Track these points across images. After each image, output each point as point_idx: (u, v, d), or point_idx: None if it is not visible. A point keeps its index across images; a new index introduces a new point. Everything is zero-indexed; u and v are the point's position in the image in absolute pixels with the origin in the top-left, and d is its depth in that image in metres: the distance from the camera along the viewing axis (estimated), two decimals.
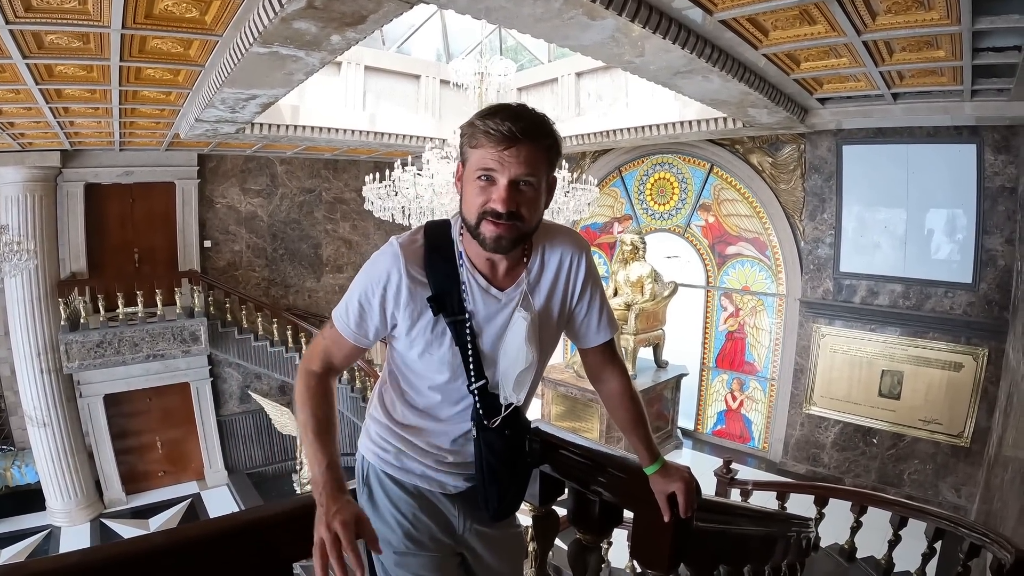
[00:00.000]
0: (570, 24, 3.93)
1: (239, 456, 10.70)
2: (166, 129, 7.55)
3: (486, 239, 1.29)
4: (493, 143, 1.23)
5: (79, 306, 8.49)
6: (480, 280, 1.40)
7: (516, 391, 1.44)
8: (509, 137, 1.22)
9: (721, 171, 8.86)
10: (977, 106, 5.78)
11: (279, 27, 3.70)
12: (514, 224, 1.27)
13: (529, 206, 1.29)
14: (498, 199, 1.25)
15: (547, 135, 1.28)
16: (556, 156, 1.32)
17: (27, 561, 1.26)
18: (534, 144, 1.25)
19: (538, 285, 1.46)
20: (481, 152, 1.26)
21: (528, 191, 1.27)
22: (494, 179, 1.26)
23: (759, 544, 2.44)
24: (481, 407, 1.44)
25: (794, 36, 4.56)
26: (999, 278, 6.53)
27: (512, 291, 1.42)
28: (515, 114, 1.24)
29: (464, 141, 1.30)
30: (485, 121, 1.24)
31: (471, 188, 1.29)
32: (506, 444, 1.47)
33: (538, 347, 1.44)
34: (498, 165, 1.24)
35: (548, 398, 9.22)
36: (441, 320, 1.38)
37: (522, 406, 1.52)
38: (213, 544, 1.35)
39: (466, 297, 1.38)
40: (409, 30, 9.65)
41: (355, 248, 11.82)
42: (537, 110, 1.30)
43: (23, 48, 4.24)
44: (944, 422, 7.00)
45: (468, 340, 1.39)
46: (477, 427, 1.46)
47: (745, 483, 5.14)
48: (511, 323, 1.41)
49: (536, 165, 1.26)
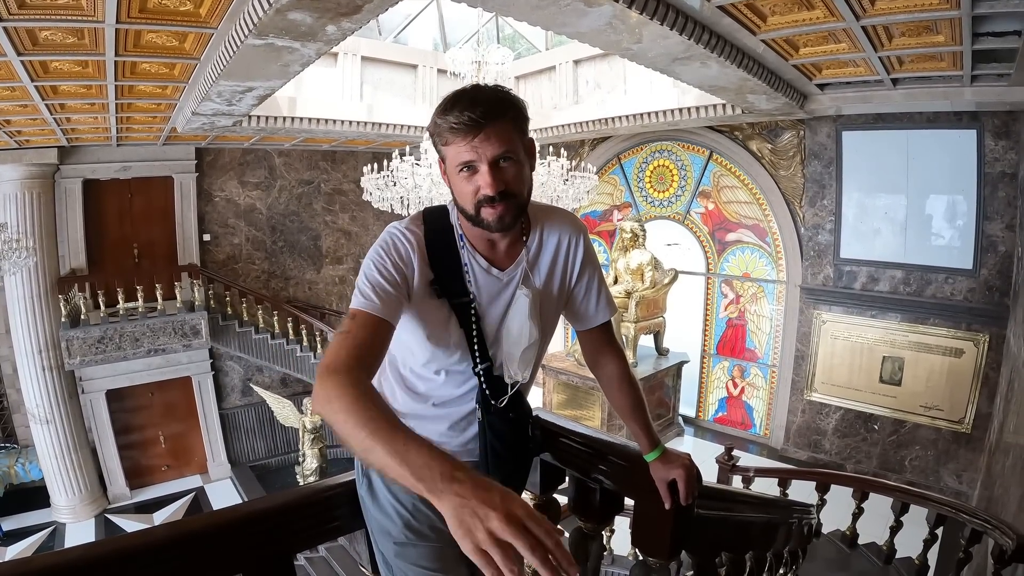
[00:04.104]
0: (567, 11, 3.91)
1: (242, 449, 10.73)
2: (163, 123, 7.53)
3: (490, 223, 1.31)
4: (461, 136, 1.25)
5: (79, 302, 8.48)
6: (481, 261, 1.42)
7: (521, 369, 1.46)
8: (474, 125, 1.23)
9: (720, 158, 8.83)
10: (977, 91, 5.74)
11: (274, 18, 3.68)
12: (509, 202, 1.29)
13: (516, 179, 1.30)
14: (485, 184, 1.26)
15: (508, 107, 1.28)
16: (524, 122, 1.33)
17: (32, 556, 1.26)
18: (499, 121, 1.25)
19: (537, 263, 1.48)
20: (454, 147, 1.27)
21: (510, 166, 1.29)
22: (475, 167, 1.27)
23: (761, 531, 2.44)
24: (487, 387, 1.45)
25: (793, 21, 4.53)
26: (1000, 264, 6.51)
27: (512, 270, 1.45)
28: (472, 100, 1.24)
29: (435, 141, 1.32)
30: (446, 118, 1.25)
31: (457, 181, 1.31)
32: (511, 427, 1.48)
33: (540, 324, 1.45)
34: (473, 154, 1.25)
35: (550, 386, 9.23)
36: (446, 303, 1.39)
37: (525, 388, 1.53)
38: (216, 536, 1.36)
39: (468, 278, 1.40)
40: (405, 20, 9.60)
41: (354, 239, 11.81)
42: (489, 84, 1.32)
43: (17, 45, 4.22)
44: (945, 408, 7.01)
45: (473, 321, 1.40)
46: (483, 409, 1.47)
47: (747, 470, 5.15)
48: (514, 301, 1.43)
49: (509, 140, 1.27)
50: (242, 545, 1.39)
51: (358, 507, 1.57)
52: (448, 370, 1.46)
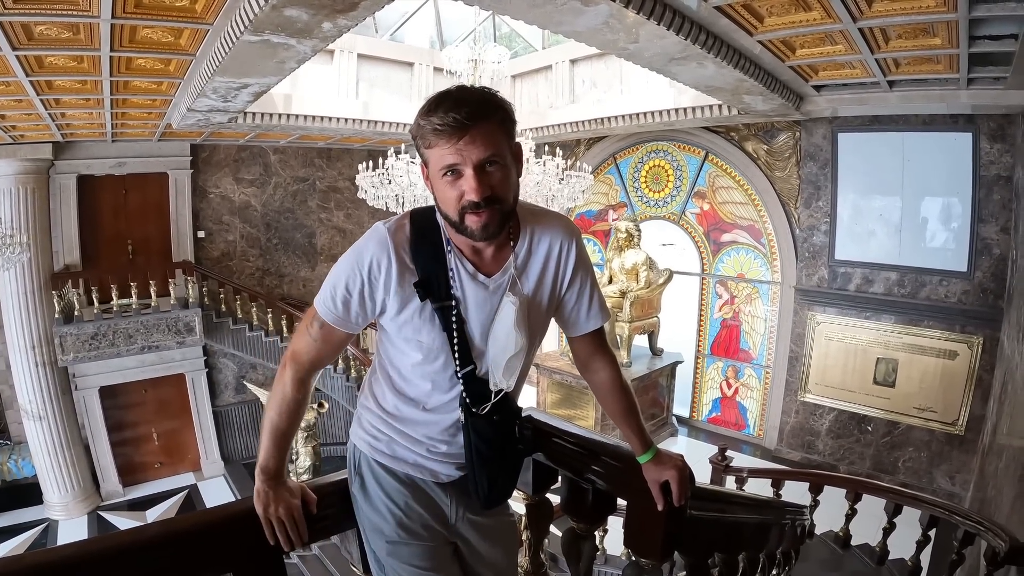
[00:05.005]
0: (564, 10, 3.91)
1: (235, 446, 10.70)
2: (158, 119, 7.50)
3: (474, 231, 1.27)
4: (445, 138, 1.20)
5: (73, 298, 8.46)
6: (468, 267, 1.38)
7: (506, 377, 1.42)
8: (459, 127, 1.18)
9: (716, 158, 8.84)
10: (973, 94, 5.76)
11: (270, 14, 3.67)
12: (494, 208, 1.25)
13: (502, 185, 1.26)
14: (470, 189, 1.22)
15: (495, 109, 1.24)
16: (512, 125, 1.29)
17: (25, 554, 1.26)
18: (486, 123, 1.21)
19: (526, 270, 1.44)
20: (437, 150, 1.23)
21: (496, 171, 1.24)
22: (460, 171, 1.23)
23: (754, 532, 2.44)
24: (467, 394, 1.42)
25: (789, 23, 4.54)
26: (994, 266, 6.53)
27: (499, 276, 1.40)
28: (456, 101, 1.20)
29: (418, 143, 1.27)
30: (430, 119, 1.21)
31: (441, 185, 1.26)
32: (495, 430, 1.45)
33: (527, 332, 1.41)
34: (458, 157, 1.21)
35: (543, 386, 9.23)
36: (428, 306, 1.36)
37: (512, 392, 1.50)
38: (208, 534, 1.37)
39: (453, 283, 1.37)
40: (402, 17, 9.59)
41: (349, 237, 11.76)
42: (475, 86, 1.28)
43: (12, 39, 4.20)
44: (939, 410, 7.04)
45: (455, 326, 1.37)
46: (465, 414, 1.44)
47: (740, 470, 5.16)
48: (500, 308, 1.39)
49: (495, 142, 1.23)
50: (234, 543, 1.39)
51: (350, 505, 1.56)
52: (434, 375, 1.43)
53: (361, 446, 1.55)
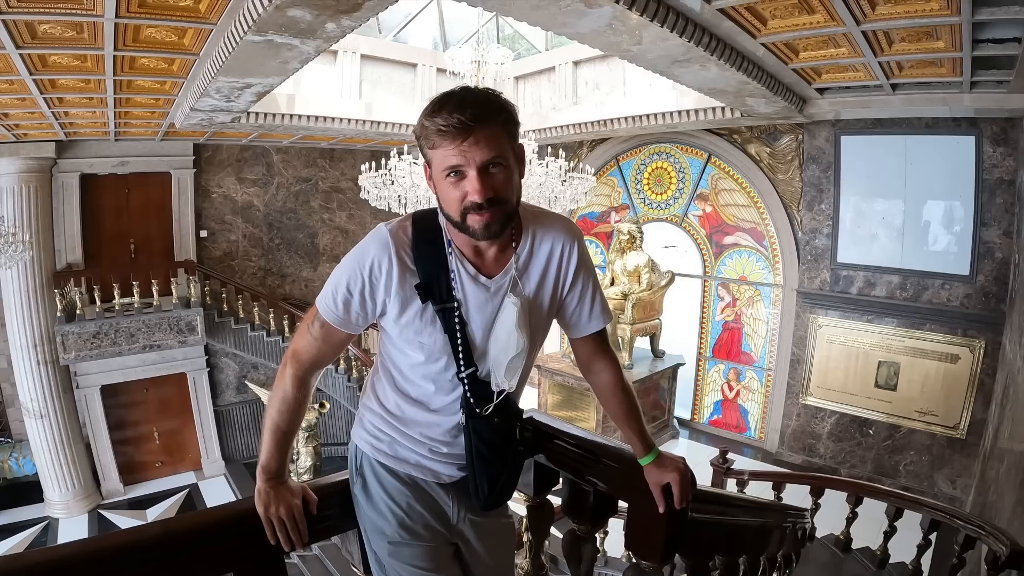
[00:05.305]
0: (567, 11, 3.90)
1: (236, 446, 10.70)
2: (161, 119, 7.51)
3: (476, 231, 1.27)
4: (449, 139, 1.21)
5: (75, 297, 8.47)
6: (469, 268, 1.38)
7: (508, 377, 1.43)
8: (462, 129, 1.19)
9: (719, 161, 8.83)
10: (976, 98, 5.74)
11: (273, 15, 3.67)
12: (497, 209, 1.26)
13: (505, 186, 1.27)
14: (473, 191, 1.23)
15: (499, 111, 1.25)
16: (515, 127, 1.29)
17: (25, 552, 1.26)
18: (489, 125, 1.22)
19: (528, 271, 1.44)
20: (441, 151, 1.24)
21: (499, 172, 1.25)
22: (463, 172, 1.23)
23: (755, 535, 2.44)
24: (471, 395, 1.43)
25: (793, 25, 4.53)
26: (996, 270, 6.52)
27: (501, 278, 1.40)
28: (461, 102, 1.21)
29: (422, 144, 1.28)
30: (434, 120, 1.21)
31: (444, 186, 1.27)
32: (496, 432, 1.45)
33: (529, 333, 1.41)
34: (462, 158, 1.22)
35: (545, 387, 9.23)
36: (430, 307, 1.37)
37: (514, 393, 1.50)
38: (208, 534, 1.37)
39: (455, 285, 1.37)
40: (406, 18, 9.59)
41: (351, 237, 11.77)
42: (479, 87, 1.28)
43: (16, 38, 4.21)
44: (940, 414, 7.02)
45: (457, 327, 1.37)
46: (467, 415, 1.44)
47: (741, 473, 5.15)
48: (501, 309, 1.40)
49: (498, 144, 1.24)
50: (234, 543, 1.39)
51: (351, 506, 1.56)
52: (436, 376, 1.44)
53: (363, 446, 1.55)
